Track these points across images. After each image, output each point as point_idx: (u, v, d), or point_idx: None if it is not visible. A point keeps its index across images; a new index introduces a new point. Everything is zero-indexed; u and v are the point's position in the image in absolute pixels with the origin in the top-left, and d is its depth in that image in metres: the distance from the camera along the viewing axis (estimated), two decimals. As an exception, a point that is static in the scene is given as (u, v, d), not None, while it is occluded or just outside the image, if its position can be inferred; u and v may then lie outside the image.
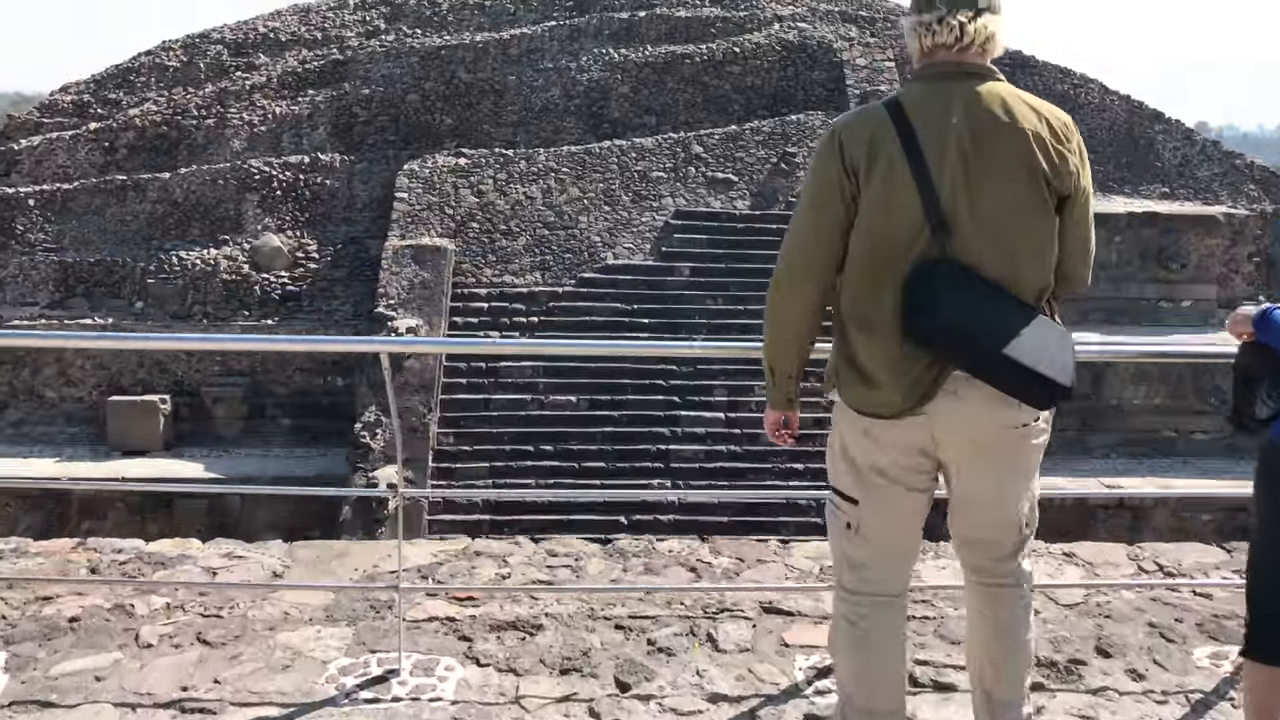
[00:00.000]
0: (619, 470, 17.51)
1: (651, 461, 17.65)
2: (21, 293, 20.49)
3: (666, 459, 17.69)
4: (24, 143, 22.70)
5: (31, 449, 19.06)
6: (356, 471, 16.94)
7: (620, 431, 17.92)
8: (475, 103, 22.82)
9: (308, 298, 20.40)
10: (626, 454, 17.72)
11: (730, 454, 17.81)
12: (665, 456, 17.71)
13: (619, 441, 17.83)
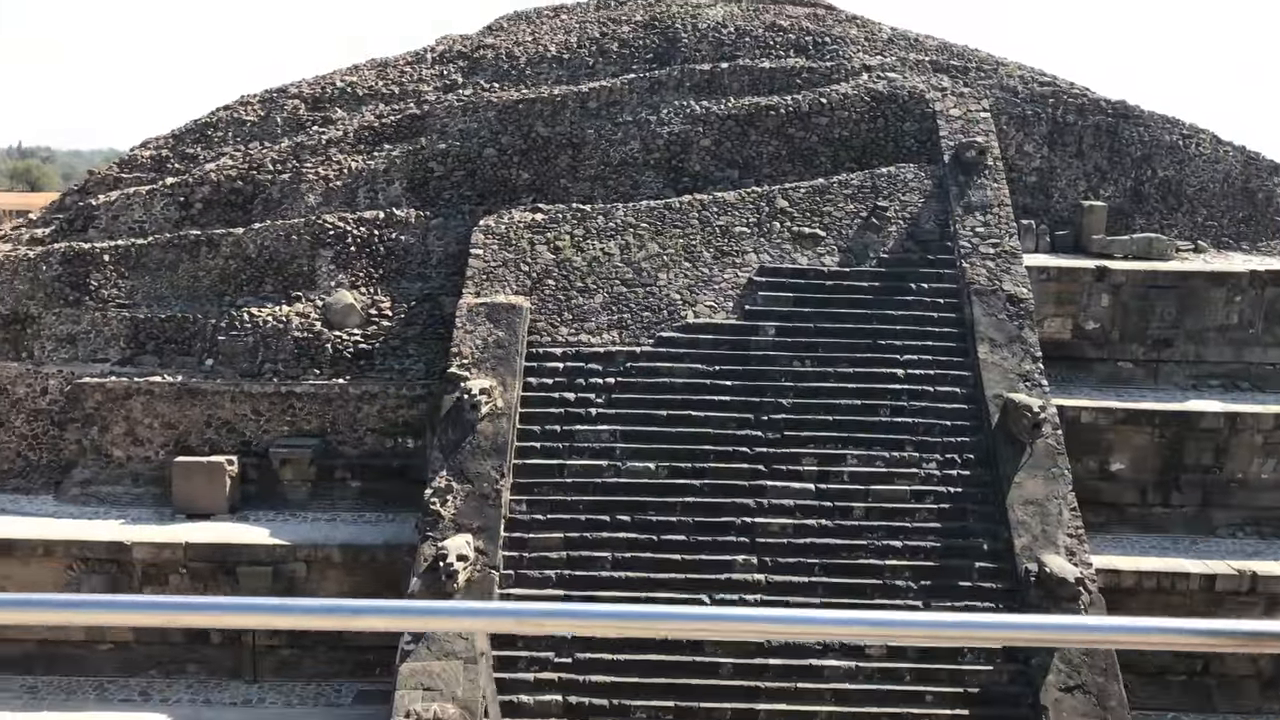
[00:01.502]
0: (700, 544, 16.42)
1: (736, 536, 16.53)
2: (94, 349, 20.23)
3: (751, 533, 16.56)
4: (102, 198, 22.66)
5: (98, 509, 18.62)
6: (426, 540, 16.08)
7: (702, 503, 16.85)
8: (553, 157, 22.23)
9: (380, 356, 19.80)
10: (708, 527, 16.64)
11: (821, 529, 16.61)
12: (750, 530, 16.58)
13: (701, 513, 16.75)
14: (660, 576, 16.08)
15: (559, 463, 17.34)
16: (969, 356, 18.50)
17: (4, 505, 18.66)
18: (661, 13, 25.37)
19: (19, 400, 19.78)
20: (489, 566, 15.84)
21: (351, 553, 17.51)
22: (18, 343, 20.19)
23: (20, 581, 17.51)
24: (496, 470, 16.77)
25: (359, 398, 19.35)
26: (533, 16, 27.06)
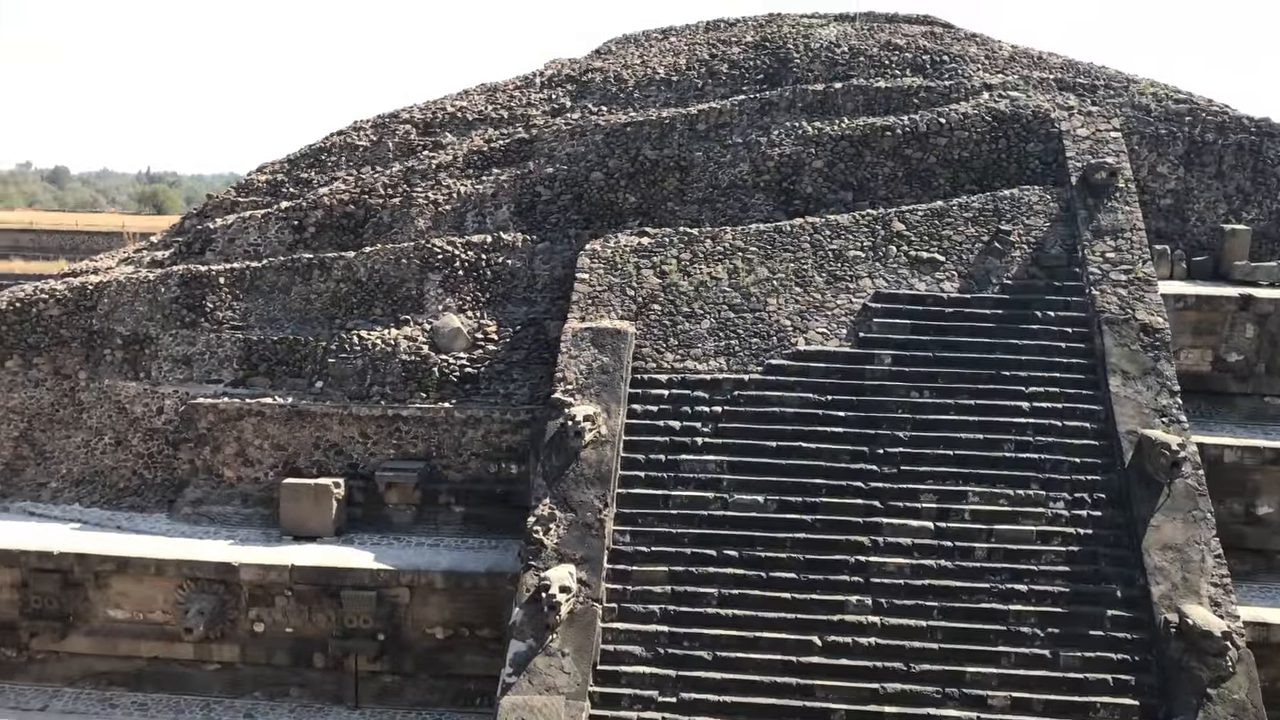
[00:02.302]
0: (811, 582, 15.73)
1: (849, 574, 15.79)
2: (208, 370, 20.58)
3: (865, 572, 15.79)
4: (219, 221, 23.16)
5: (208, 529, 18.84)
6: (528, 569, 15.76)
7: (813, 539, 16.16)
8: (660, 180, 21.90)
9: (485, 380, 19.66)
10: (820, 564, 15.93)
11: (941, 570, 15.74)
12: (864, 569, 15.82)
13: (812, 549, 16.06)
14: (768, 615, 15.44)
15: (664, 493, 16.88)
16: (1099, 390, 17.44)
17: (120, 522, 19.02)
18: (772, 33, 24.90)
19: (136, 419, 20.22)
20: (591, 599, 15.44)
21: (454, 579, 17.31)
22: (136, 363, 20.65)
23: (134, 599, 17.82)
24: (600, 499, 16.39)
25: (464, 422, 19.22)
26: (641, 39, 26.88)
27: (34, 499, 19.91)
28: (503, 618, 16.45)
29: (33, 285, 22.26)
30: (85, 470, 20.13)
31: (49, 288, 21.69)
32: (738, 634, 15.28)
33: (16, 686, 17.34)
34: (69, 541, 17.93)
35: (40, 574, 17.65)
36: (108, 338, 20.84)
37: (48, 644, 17.84)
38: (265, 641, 17.72)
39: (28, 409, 20.63)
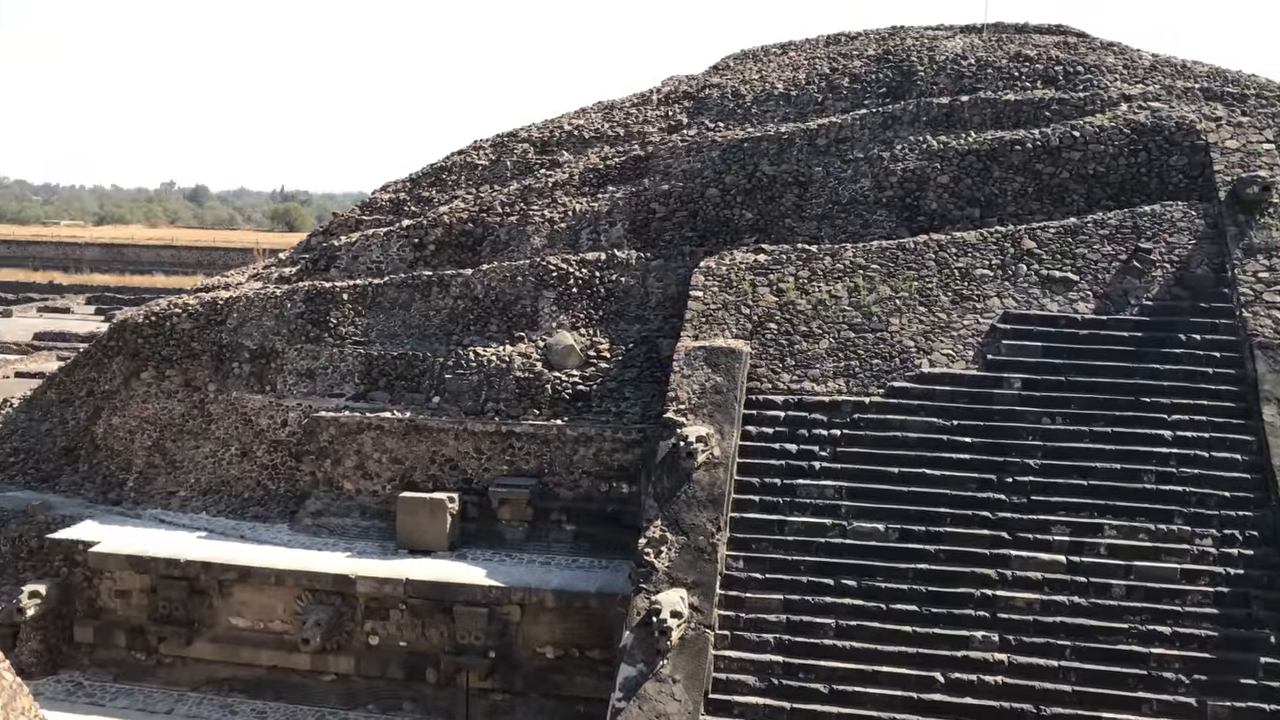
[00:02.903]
0: (934, 616, 15.01)
1: (974, 609, 15.03)
2: (330, 384, 20.98)
3: (992, 607, 15.00)
4: (344, 239, 23.69)
5: (327, 540, 19.13)
6: (639, 593, 15.47)
7: (937, 570, 15.45)
8: (778, 196, 21.48)
9: (597, 398, 19.53)
10: (943, 597, 15.21)
11: (1074, 607, 14.85)
12: (991, 604, 15.03)
13: (935, 581, 15.36)
14: (888, 649, 14.80)
15: (779, 518, 16.40)
16: (1251, 419, 16.28)
17: (244, 532, 19.49)
18: (895, 46, 24.26)
19: (261, 431, 20.73)
20: (703, 625, 15.05)
21: (565, 599, 17.16)
22: (263, 376, 21.20)
23: (255, 608, 18.20)
24: (712, 523, 16.00)
25: (575, 439, 19.11)
26: (760, 54, 26.55)
27: (164, 507, 20.57)
28: (613, 640, 16.20)
29: (167, 299, 23.14)
30: (212, 480, 20.72)
31: (182, 302, 22.50)
32: (856, 667, 14.68)
33: (145, 688, 17.87)
34: (195, 550, 18.43)
35: (168, 581, 18.19)
36: (236, 351, 21.44)
37: (174, 649, 18.37)
38: (380, 654, 17.87)
39: (160, 419, 21.37)
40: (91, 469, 21.57)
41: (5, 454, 22.22)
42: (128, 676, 18.26)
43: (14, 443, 22.42)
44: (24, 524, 19.73)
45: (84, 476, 21.46)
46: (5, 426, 22.80)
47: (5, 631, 17.95)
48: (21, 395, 24.27)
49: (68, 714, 16.63)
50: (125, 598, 18.59)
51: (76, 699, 17.43)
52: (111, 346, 22.62)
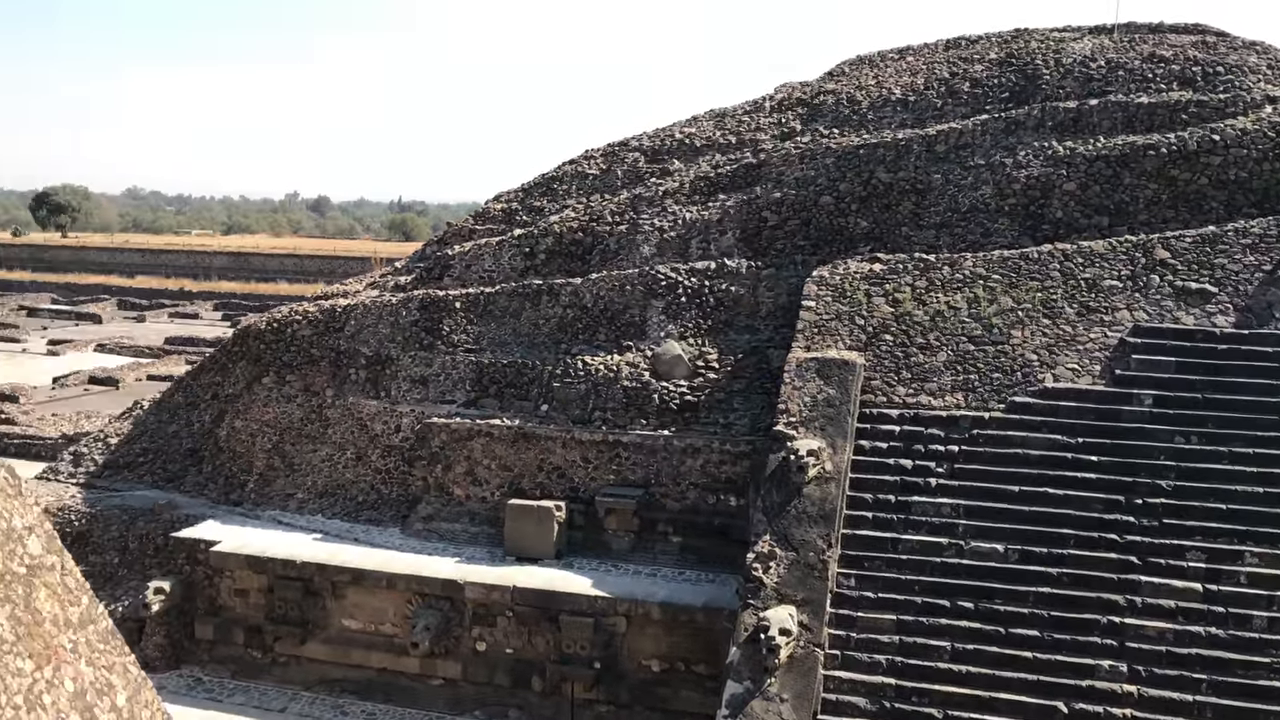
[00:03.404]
0: (1057, 642, 14.31)
1: (1100, 636, 14.27)
2: (442, 390, 21.25)
3: (1120, 635, 14.22)
4: (457, 248, 24.02)
5: (437, 546, 19.35)
6: (746, 608, 15.15)
7: (1060, 594, 14.72)
8: (894, 204, 20.93)
9: (705, 409, 19.29)
10: (1067, 623, 14.48)
11: (1210, 638, 13.96)
12: (1119, 632, 14.25)
13: (1058, 606, 14.64)
14: (1007, 675, 14.15)
15: (892, 536, 15.88)
16: None
17: (358, 535, 19.85)
18: (1019, 49, 23.43)
19: (376, 436, 21.12)
20: (813, 644, 14.65)
21: (671, 612, 16.96)
22: (377, 382, 21.60)
23: (367, 610, 18.50)
24: (823, 539, 15.59)
25: (682, 450, 18.91)
26: (876, 60, 25.99)
27: (282, 508, 21.12)
28: (719, 655, 15.92)
29: (289, 307, 23.80)
30: (328, 483, 21.18)
31: (302, 309, 23.11)
32: (972, 693, 14.08)
33: (260, 686, 18.33)
34: (310, 551, 18.84)
35: (284, 581, 18.63)
36: (353, 357, 21.90)
37: (289, 648, 18.80)
38: (487, 661, 17.96)
39: (280, 423, 21.97)
40: (214, 470, 22.29)
41: (135, 454, 23.15)
42: (245, 674, 18.77)
43: (143, 443, 23.34)
44: (151, 522, 20.49)
45: (207, 477, 22.20)
46: (135, 427, 23.77)
47: (132, 626, 18.63)
48: (151, 397, 25.29)
49: (188, 708, 17.14)
50: (244, 596, 19.11)
51: (197, 694, 17.98)
52: (235, 352, 23.38)
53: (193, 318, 76.56)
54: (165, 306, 79.72)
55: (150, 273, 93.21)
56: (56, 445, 32.51)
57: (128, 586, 19.60)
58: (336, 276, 72.44)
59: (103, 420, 34.58)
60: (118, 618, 18.33)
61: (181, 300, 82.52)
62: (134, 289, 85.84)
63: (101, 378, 48.23)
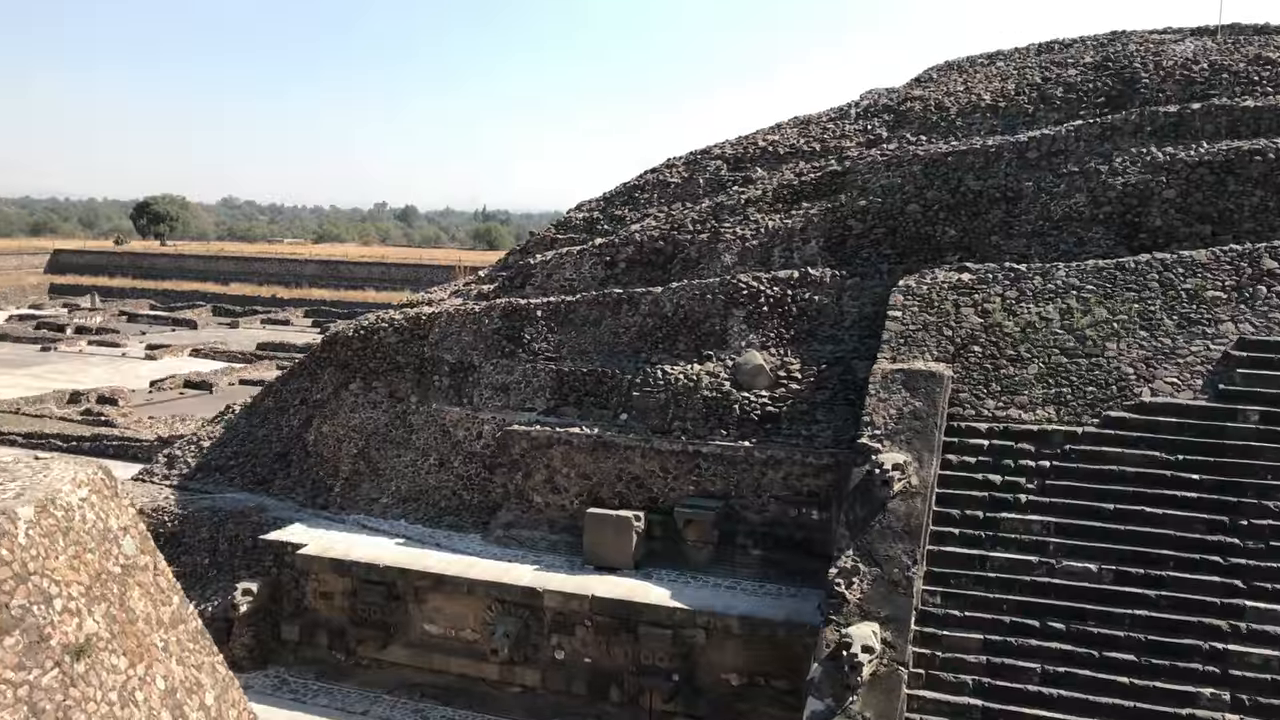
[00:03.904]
0: (1154, 668, 13.74)
1: (1201, 663, 13.66)
2: (523, 398, 21.36)
3: (1223, 662, 13.59)
4: (539, 257, 24.16)
5: (516, 552, 19.42)
6: (829, 624, 14.87)
7: (1158, 617, 14.14)
8: (983, 212, 20.43)
9: (786, 420, 19.04)
10: (1165, 648, 13.90)
11: (1322, 669, 13.25)
12: (1221, 658, 13.62)
13: (1155, 629, 14.06)
14: (1100, 700, 13.63)
15: (980, 553, 15.44)
16: None
17: (439, 540, 20.04)
18: (1116, 52, 22.74)
19: (458, 443, 21.31)
20: (896, 662, 14.29)
21: (750, 626, 16.75)
22: (460, 389, 21.80)
23: (447, 615, 18.64)
24: (908, 555, 15.22)
25: (763, 462, 18.68)
26: (965, 65, 25.48)
27: (367, 512, 21.43)
28: (800, 670, 15.66)
29: (375, 314, 24.19)
30: (412, 488, 21.43)
31: (388, 317, 23.47)
32: (1063, 718, 13.58)
33: (343, 689, 18.57)
34: (393, 556, 19.07)
35: (367, 585, 18.88)
36: (437, 365, 22.15)
37: (371, 651, 19.04)
38: (565, 669, 17.95)
39: (365, 428, 22.32)
40: (302, 474, 22.73)
41: (226, 457, 23.74)
42: (328, 675, 19.05)
43: (234, 446, 23.92)
44: (240, 524, 20.96)
45: (295, 481, 22.64)
46: (227, 431, 24.38)
47: (220, 626, 19.06)
48: (243, 401, 25.94)
49: (274, 709, 17.45)
50: (328, 599, 19.42)
51: (282, 694, 18.30)
52: (324, 358, 23.83)
53: (284, 324, 78.64)
54: (258, 313, 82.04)
55: (244, 280, 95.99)
56: (152, 447, 33.59)
57: (217, 587, 20.07)
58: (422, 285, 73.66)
59: (196, 423, 35.63)
60: (207, 618, 18.78)
61: (273, 307, 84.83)
62: (228, 295, 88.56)
63: (196, 382, 49.77)
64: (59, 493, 8.61)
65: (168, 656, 9.29)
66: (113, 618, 8.55)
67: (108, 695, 8.11)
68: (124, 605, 8.80)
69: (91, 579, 8.46)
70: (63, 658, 7.76)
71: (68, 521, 8.48)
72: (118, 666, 8.38)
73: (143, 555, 9.57)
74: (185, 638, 9.86)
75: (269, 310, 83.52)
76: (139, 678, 8.64)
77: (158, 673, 8.98)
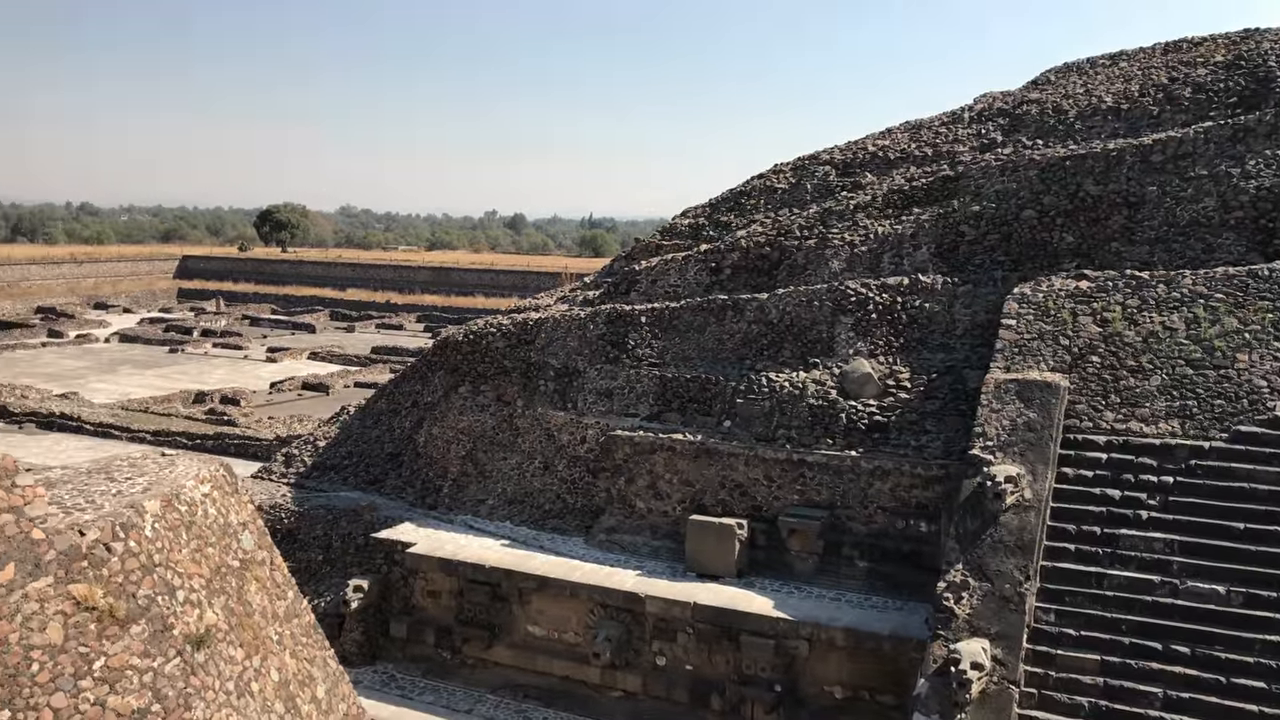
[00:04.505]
0: (1288, 697, 13.00)
1: (1341, 694, 12.87)
2: (627, 403, 21.45)
3: (1365, 694, 12.79)
4: (644, 263, 24.24)
5: (619, 557, 19.50)
6: (936, 639, 14.51)
7: (1292, 644, 13.38)
8: (1103, 218, 19.72)
9: (895, 430, 18.67)
10: (1300, 676, 13.14)
11: None
12: (1363, 690, 12.82)
13: (1289, 657, 13.31)
14: (1229, 729, 12.96)
15: (1097, 571, 14.87)
16: None
17: (543, 543, 20.25)
18: (1249, 51, 21.70)
19: (562, 446, 21.52)
20: (1007, 680, 13.87)
21: (855, 638, 16.46)
22: (565, 394, 22.02)
23: (550, 618, 18.82)
24: (1020, 570, 14.75)
25: (871, 472, 18.36)
26: (1085, 67, 24.66)
27: (474, 513, 21.80)
28: (905, 685, 15.33)
29: (484, 320, 24.63)
30: (517, 490, 21.72)
31: (496, 322, 23.86)
32: (1187, 747, 12.98)
33: (448, 686, 18.90)
34: (498, 557, 19.35)
35: (473, 585, 19.19)
36: (542, 369, 22.42)
37: (476, 650, 19.34)
38: (666, 676, 17.93)
39: (473, 430, 22.72)
40: (412, 474, 23.26)
41: (340, 456, 24.45)
42: (434, 673, 19.42)
43: (349, 446, 24.63)
44: (353, 522, 21.55)
45: (405, 481, 23.18)
46: (342, 431, 25.11)
47: (332, 621, 19.61)
48: (357, 403, 26.69)
49: (381, 704, 17.87)
50: (435, 598, 19.81)
51: (389, 690, 18.73)
52: (434, 362, 24.36)
53: (397, 329, 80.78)
54: (372, 318, 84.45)
55: (360, 286, 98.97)
56: (271, 446, 34.85)
57: (330, 583, 20.66)
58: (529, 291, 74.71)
59: (313, 424, 36.83)
60: (320, 613, 19.34)
61: (387, 312, 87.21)
62: (344, 301, 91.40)
63: (313, 384, 51.48)
64: (183, 488, 8.98)
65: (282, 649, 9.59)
66: (231, 610, 8.86)
67: (225, 685, 8.41)
68: (242, 598, 9.12)
69: (212, 572, 8.79)
70: (184, 647, 8.07)
71: (191, 516, 8.83)
72: (235, 657, 8.69)
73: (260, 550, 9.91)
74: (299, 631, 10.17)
75: (383, 315, 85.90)
76: (254, 669, 8.94)
77: (272, 665, 9.28)
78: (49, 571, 7.28)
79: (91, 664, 7.35)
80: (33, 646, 7.02)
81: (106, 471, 9.41)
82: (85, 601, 7.34)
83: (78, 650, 7.27)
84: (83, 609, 7.35)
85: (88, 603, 7.35)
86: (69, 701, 7.08)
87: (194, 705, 8.00)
